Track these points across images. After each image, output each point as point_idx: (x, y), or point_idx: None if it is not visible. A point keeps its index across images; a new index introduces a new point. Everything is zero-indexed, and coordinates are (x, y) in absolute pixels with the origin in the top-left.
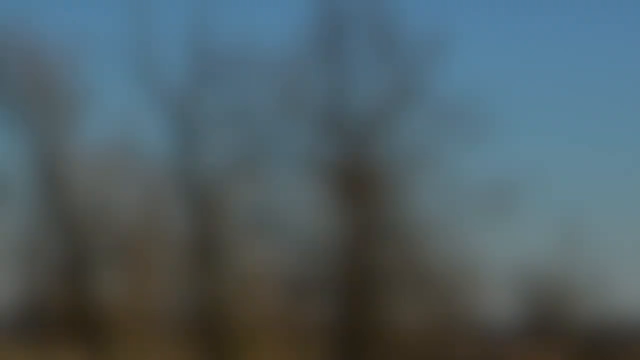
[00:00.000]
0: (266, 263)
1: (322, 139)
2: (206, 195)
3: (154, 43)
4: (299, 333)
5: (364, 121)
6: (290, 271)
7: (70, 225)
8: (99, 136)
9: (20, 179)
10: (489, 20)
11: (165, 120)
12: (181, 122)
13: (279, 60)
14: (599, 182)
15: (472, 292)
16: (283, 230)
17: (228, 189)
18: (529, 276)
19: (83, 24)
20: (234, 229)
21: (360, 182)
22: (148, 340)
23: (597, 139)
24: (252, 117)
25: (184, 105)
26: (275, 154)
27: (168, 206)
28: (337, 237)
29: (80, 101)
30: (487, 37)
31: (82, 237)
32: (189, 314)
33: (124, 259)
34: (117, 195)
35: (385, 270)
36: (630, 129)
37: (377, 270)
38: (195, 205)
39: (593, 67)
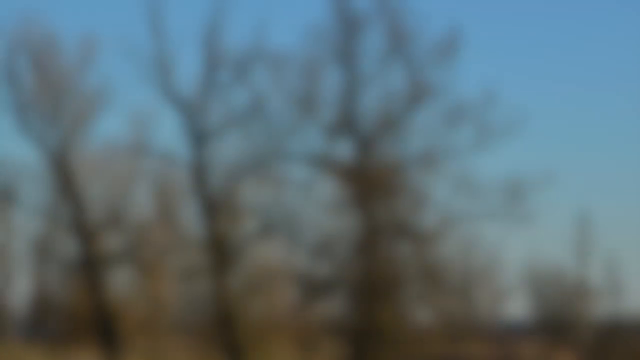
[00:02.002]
0: (279, 262)
1: (335, 138)
2: (219, 194)
3: (168, 43)
4: (312, 331)
5: (378, 121)
6: (304, 270)
7: (84, 225)
8: (112, 136)
9: (34, 179)
10: (502, 20)
11: (179, 119)
12: (195, 122)
13: (293, 61)
14: (612, 184)
15: (486, 291)
16: (296, 230)
17: (241, 189)
18: (542, 276)
19: (98, 24)
20: (247, 228)
21: (373, 182)
22: (161, 338)
23: (611, 140)
24: (265, 116)
25: (198, 105)
26: (289, 153)
27: (182, 206)
28: (351, 236)
29: (94, 101)
30: (500, 37)
31: (95, 237)
32: (202, 313)
33: (138, 258)
34: (130, 195)
35: (399, 270)
36: None
37: (390, 269)
38: (209, 204)
39: (607, 66)
